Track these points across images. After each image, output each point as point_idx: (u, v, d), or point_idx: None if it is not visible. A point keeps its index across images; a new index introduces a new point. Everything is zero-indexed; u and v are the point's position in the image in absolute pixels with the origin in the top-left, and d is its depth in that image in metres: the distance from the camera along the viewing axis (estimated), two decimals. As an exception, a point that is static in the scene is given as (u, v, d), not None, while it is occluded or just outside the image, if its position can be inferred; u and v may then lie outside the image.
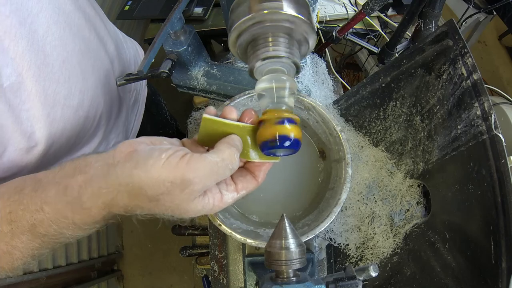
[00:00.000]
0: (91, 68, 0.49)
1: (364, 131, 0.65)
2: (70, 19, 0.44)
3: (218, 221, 0.47)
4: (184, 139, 0.37)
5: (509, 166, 0.39)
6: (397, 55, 0.85)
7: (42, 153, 0.44)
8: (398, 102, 0.59)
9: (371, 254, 0.58)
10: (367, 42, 0.95)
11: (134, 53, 0.70)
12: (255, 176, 0.37)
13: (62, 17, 0.43)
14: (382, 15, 1.00)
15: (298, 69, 0.38)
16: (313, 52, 0.82)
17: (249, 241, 0.47)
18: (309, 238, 0.46)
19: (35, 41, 0.39)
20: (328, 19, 0.99)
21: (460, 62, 0.47)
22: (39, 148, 0.43)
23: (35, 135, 0.42)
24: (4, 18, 0.35)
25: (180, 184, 0.29)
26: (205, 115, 0.35)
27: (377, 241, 0.57)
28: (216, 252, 0.65)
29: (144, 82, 0.77)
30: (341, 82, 0.97)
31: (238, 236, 0.47)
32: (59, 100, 0.43)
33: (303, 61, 0.69)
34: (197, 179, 0.29)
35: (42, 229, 0.30)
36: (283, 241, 0.35)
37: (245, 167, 0.38)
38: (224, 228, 0.47)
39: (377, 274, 0.37)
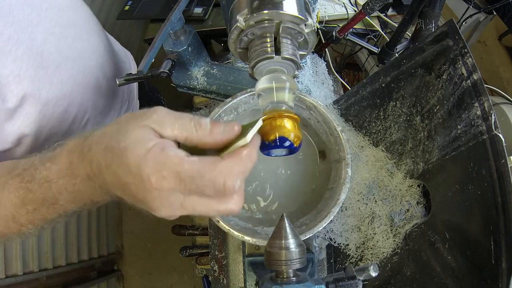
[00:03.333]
0: (82, 74, 0.53)
1: (364, 131, 0.65)
2: (66, 31, 0.49)
3: (217, 217, 0.48)
4: None
5: (509, 166, 0.39)
6: (397, 55, 0.85)
7: (29, 146, 0.47)
8: (398, 102, 0.59)
9: (371, 254, 0.58)
10: (367, 42, 0.95)
11: (127, 67, 0.74)
12: None
13: (59, 29, 0.48)
14: (382, 15, 1.00)
15: (298, 69, 0.38)
16: (313, 52, 0.82)
17: (246, 238, 0.47)
18: (306, 237, 0.46)
19: (34, 47, 0.43)
20: (328, 19, 0.99)
21: (460, 62, 0.47)
22: (26, 140, 0.46)
23: (24, 129, 0.45)
24: (8, 25, 0.40)
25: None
26: None
27: (377, 241, 0.57)
28: (216, 252, 0.65)
29: (136, 94, 0.80)
30: (341, 82, 0.97)
31: (236, 233, 0.47)
32: (51, 99, 0.47)
33: (303, 61, 0.69)
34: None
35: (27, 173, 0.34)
36: (283, 241, 0.35)
37: None
38: (222, 224, 0.47)
39: (377, 274, 0.37)
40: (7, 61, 0.40)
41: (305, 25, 0.38)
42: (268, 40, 0.36)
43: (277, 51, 0.36)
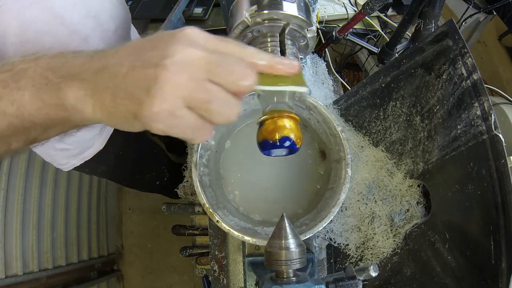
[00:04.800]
0: (99, 29, 0.53)
1: (364, 131, 0.65)
2: None
3: (217, 218, 0.48)
4: None
5: (509, 166, 0.39)
6: (397, 55, 0.85)
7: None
8: (398, 102, 0.59)
9: (371, 254, 0.58)
10: (367, 42, 0.96)
11: None
12: None
13: None
14: (382, 15, 1.00)
15: None
16: (313, 52, 0.82)
17: (246, 238, 0.47)
18: (306, 237, 0.46)
19: None
20: (328, 19, 0.99)
21: (460, 62, 0.47)
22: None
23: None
24: None
25: None
26: None
27: (377, 241, 0.57)
28: (216, 252, 0.65)
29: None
30: (341, 82, 0.97)
31: (236, 233, 0.47)
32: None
33: (303, 61, 0.69)
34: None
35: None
36: (283, 241, 0.35)
37: None
38: (222, 224, 0.47)
39: (377, 274, 0.37)
40: None
41: (305, 25, 0.38)
42: (274, 40, 0.37)
43: (281, 52, 0.37)
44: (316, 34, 0.40)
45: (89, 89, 0.27)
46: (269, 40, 0.37)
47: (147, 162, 0.99)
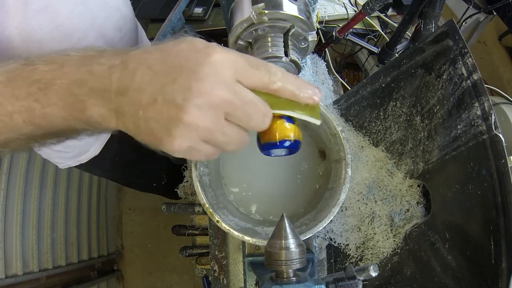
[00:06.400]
0: (98, 31, 0.52)
1: (364, 131, 0.65)
2: None
3: (217, 218, 0.48)
4: None
5: (509, 166, 0.39)
6: (397, 55, 0.85)
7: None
8: (398, 102, 0.59)
9: (371, 254, 0.58)
10: (367, 42, 0.96)
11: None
12: None
13: None
14: (382, 15, 1.00)
15: (298, 69, 0.38)
16: (313, 52, 0.82)
17: (246, 238, 0.47)
18: (306, 237, 0.46)
19: None
20: (328, 19, 0.99)
21: (460, 62, 0.47)
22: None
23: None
24: None
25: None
26: None
27: (377, 241, 0.57)
28: (216, 252, 0.65)
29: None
30: (341, 82, 0.97)
31: (236, 233, 0.47)
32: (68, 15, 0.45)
33: (303, 61, 0.69)
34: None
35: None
36: (283, 241, 0.35)
37: None
38: (222, 224, 0.47)
39: (377, 274, 0.37)
40: None
41: (305, 25, 0.38)
42: (279, 40, 0.37)
43: (277, 51, 0.37)
44: (316, 38, 0.40)
45: (113, 110, 0.28)
46: (272, 40, 0.37)
47: (144, 167, 0.99)
